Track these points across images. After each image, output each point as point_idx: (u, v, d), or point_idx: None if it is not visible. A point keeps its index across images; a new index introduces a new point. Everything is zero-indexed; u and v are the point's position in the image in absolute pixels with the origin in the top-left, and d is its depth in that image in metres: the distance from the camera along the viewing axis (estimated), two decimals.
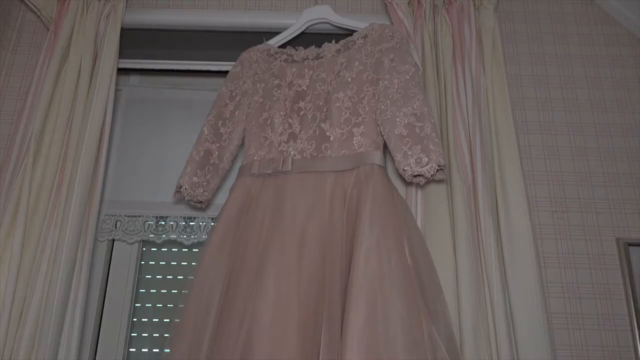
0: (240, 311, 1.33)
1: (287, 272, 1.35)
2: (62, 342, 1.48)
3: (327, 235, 1.41)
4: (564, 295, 1.62)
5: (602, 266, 1.65)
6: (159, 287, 1.81)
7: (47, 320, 1.47)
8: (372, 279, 1.29)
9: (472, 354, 1.39)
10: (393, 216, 1.40)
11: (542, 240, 1.68)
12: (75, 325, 1.51)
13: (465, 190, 1.55)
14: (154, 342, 1.75)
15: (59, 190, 1.62)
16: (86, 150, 1.62)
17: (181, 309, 1.46)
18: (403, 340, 1.22)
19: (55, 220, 1.58)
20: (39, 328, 1.48)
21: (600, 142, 1.80)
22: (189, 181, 1.59)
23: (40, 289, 1.52)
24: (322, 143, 1.54)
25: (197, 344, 1.38)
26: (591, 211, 1.72)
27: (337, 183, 1.48)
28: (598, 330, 1.59)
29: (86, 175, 1.61)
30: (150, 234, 1.75)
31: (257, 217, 1.48)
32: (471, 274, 1.46)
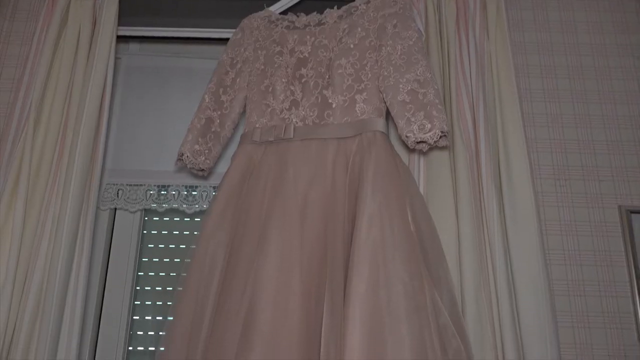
0: (242, 278, 1.34)
1: (289, 239, 1.35)
2: (65, 310, 1.49)
3: (329, 203, 1.41)
4: (565, 262, 1.63)
5: (603, 233, 1.66)
6: (161, 256, 1.82)
7: (50, 289, 1.48)
8: (374, 246, 1.29)
9: (473, 319, 1.40)
10: (395, 183, 1.39)
11: (545, 208, 1.67)
12: (78, 293, 1.51)
13: (468, 157, 1.54)
14: (157, 310, 1.76)
15: (60, 158, 1.61)
16: (86, 119, 1.61)
17: (184, 278, 1.47)
18: (405, 306, 1.23)
19: (56, 188, 1.58)
20: (43, 297, 1.49)
21: (603, 109, 1.79)
22: (190, 149, 1.59)
23: (43, 257, 1.52)
24: (325, 110, 1.53)
25: (200, 312, 1.39)
26: (594, 179, 1.71)
27: (340, 150, 1.47)
28: (599, 297, 1.60)
29: (87, 144, 1.60)
30: (152, 203, 1.75)
31: (259, 184, 1.48)
32: (473, 240, 1.46)
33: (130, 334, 1.72)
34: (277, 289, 1.29)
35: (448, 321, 1.27)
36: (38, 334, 1.45)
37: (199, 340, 1.35)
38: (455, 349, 1.25)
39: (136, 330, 1.74)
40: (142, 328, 1.74)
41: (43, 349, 1.43)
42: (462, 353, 1.25)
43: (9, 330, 1.47)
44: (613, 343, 1.55)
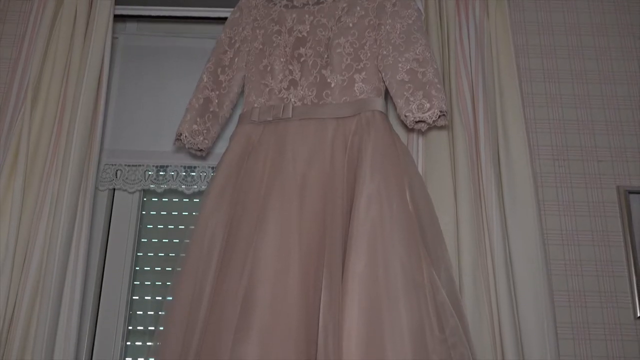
0: (241, 258, 1.34)
1: (288, 218, 1.36)
2: (65, 290, 1.50)
3: (328, 182, 1.41)
4: (563, 242, 1.63)
5: (602, 213, 1.66)
6: (160, 237, 1.82)
7: (49, 268, 1.48)
8: (373, 225, 1.30)
9: (471, 298, 1.41)
10: (394, 163, 1.40)
11: (543, 188, 1.68)
12: (78, 273, 1.52)
13: (467, 136, 1.54)
14: (156, 290, 1.77)
15: (58, 138, 1.61)
16: (84, 98, 1.61)
17: (183, 258, 1.48)
18: (403, 284, 1.24)
19: (55, 168, 1.58)
20: (42, 276, 1.49)
21: (603, 90, 1.78)
22: (188, 129, 1.58)
23: (42, 237, 1.52)
24: (323, 90, 1.53)
25: (199, 291, 1.40)
26: (592, 159, 1.71)
27: (338, 130, 1.47)
28: (596, 277, 1.61)
29: (85, 123, 1.59)
30: (151, 184, 1.75)
31: (257, 164, 1.48)
32: (471, 220, 1.46)
33: (130, 313, 1.73)
34: (275, 268, 1.30)
35: (446, 300, 1.27)
36: (38, 312, 1.46)
37: (197, 319, 1.36)
38: (453, 327, 1.25)
39: (136, 310, 1.75)
40: (141, 308, 1.75)
41: (43, 328, 1.44)
42: (459, 331, 1.26)
43: (9, 308, 1.48)
44: (609, 322, 1.57)
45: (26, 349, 1.45)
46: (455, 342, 1.24)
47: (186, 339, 1.35)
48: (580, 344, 1.54)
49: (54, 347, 1.45)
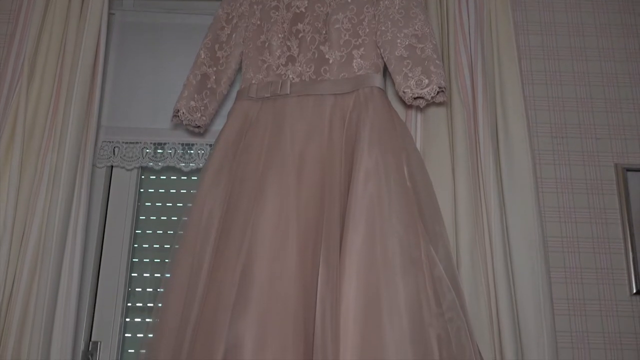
0: (239, 234, 1.34)
1: (286, 193, 1.36)
2: (63, 267, 1.50)
3: (326, 158, 1.41)
4: (560, 219, 1.64)
5: (599, 191, 1.66)
6: (158, 214, 1.82)
7: (48, 245, 1.48)
8: (370, 201, 1.30)
9: (468, 273, 1.42)
10: (392, 139, 1.39)
11: (541, 165, 1.68)
12: (76, 250, 1.52)
13: (466, 113, 1.54)
14: (155, 267, 1.78)
15: (54, 114, 1.60)
16: (80, 74, 1.60)
17: (180, 235, 1.48)
18: (401, 259, 1.24)
19: (52, 144, 1.58)
20: (40, 253, 1.49)
21: (603, 67, 1.77)
22: (186, 105, 1.57)
23: (40, 213, 1.52)
24: (321, 66, 1.52)
25: (197, 268, 1.40)
26: (591, 137, 1.71)
27: (337, 106, 1.46)
28: (592, 254, 1.61)
29: (81, 100, 1.58)
30: (149, 162, 1.74)
31: (255, 140, 1.48)
32: (469, 196, 1.47)
33: (129, 290, 1.74)
34: (273, 244, 1.30)
35: (443, 275, 1.28)
36: (37, 289, 1.46)
37: (195, 296, 1.36)
38: (450, 302, 1.26)
39: (135, 287, 1.75)
40: (140, 285, 1.76)
41: (42, 304, 1.44)
42: (456, 306, 1.26)
43: (8, 284, 1.49)
44: (605, 298, 1.58)
45: (25, 326, 1.45)
46: (452, 317, 1.25)
47: (184, 315, 1.36)
48: (576, 320, 1.56)
49: (53, 323, 1.45)
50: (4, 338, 1.45)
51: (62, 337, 1.45)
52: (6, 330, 1.46)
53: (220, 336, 1.23)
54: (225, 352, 1.21)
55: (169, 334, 1.37)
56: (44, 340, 1.43)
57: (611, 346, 1.53)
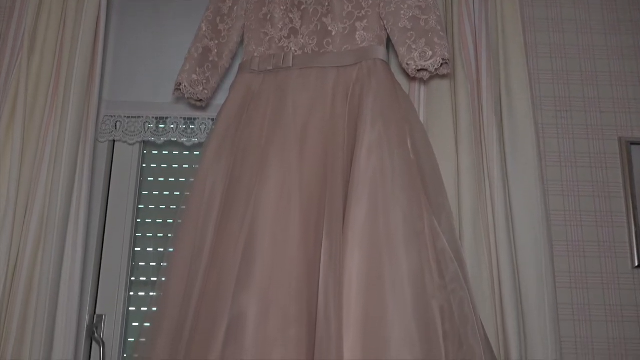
0: (242, 208, 1.34)
1: (289, 165, 1.36)
2: (67, 241, 1.51)
3: (328, 131, 1.40)
4: (563, 193, 1.64)
5: (603, 165, 1.66)
6: (161, 190, 1.82)
7: (51, 220, 1.49)
8: (374, 174, 1.30)
9: (470, 245, 1.42)
10: (396, 111, 1.39)
11: (545, 139, 1.67)
12: (79, 225, 1.52)
13: (469, 86, 1.53)
14: (158, 242, 1.78)
15: (55, 87, 1.60)
16: (81, 48, 1.59)
17: (183, 210, 1.48)
18: (404, 231, 1.25)
19: (54, 119, 1.57)
20: (44, 228, 1.50)
21: (608, 40, 1.76)
22: (188, 78, 1.57)
23: (42, 188, 1.53)
24: (324, 38, 1.50)
25: (200, 242, 1.41)
26: (595, 110, 1.70)
27: (340, 79, 1.46)
28: (595, 227, 1.61)
29: (82, 74, 1.58)
30: (151, 136, 1.74)
31: (258, 113, 1.47)
32: (472, 169, 1.47)
33: (133, 264, 1.75)
34: (276, 217, 1.30)
35: (446, 246, 1.28)
36: (40, 264, 1.47)
37: (198, 270, 1.37)
38: (453, 274, 1.27)
39: (138, 261, 1.76)
40: (143, 259, 1.77)
41: (46, 279, 1.46)
42: (459, 277, 1.27)
43: (12, 259, 1.49)
44: (607, 271, 1.58)
45: (30, 301, 1.46)
46: (455, 288, 1.26)
47: (188, 289, 1.37)
48: (577, 292, 1.56)
49: (57, 298, 1.46)
50: (9, 313, 1.46)
51: (67, 310, 1.46)
52: (11, 305, 1.47)
53: (224, 309, 1.24)
54: (228, 324, 1.22)
55: (173, 308, 1.38)
56: (49, 314, 1.44)
57: (612, 318, 1.54)
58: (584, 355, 1.52)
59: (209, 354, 1.20)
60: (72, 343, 1.45)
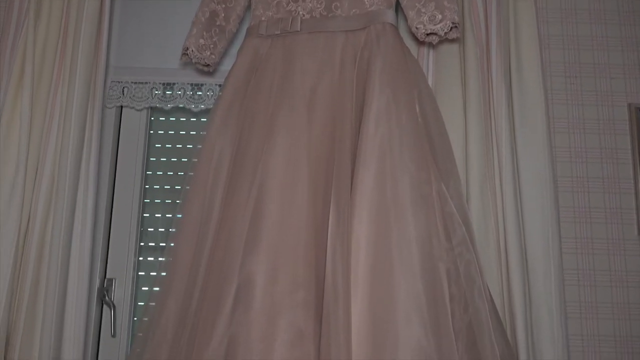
0: (250, 172, 1.35)
1: (297, 130, 1.35)
2: (77, 207, 1.51)
3: (337, 96, 1.39)
4: (571, 159, 1.63)
5: (611, 131, 1.65)
6: (169, 156, 1.83)
7: (61, 186, 1.50)
8: (382, 140, 1.29)
9: (478, 211, 1.43)
10: (404, 76, 1.38)
11: (554, 105, 1.66)
12: (89, 190, 1.53)
13: (479, 50, 1.51)
14: (166, 208, 1.80)
15: (62, 53, 1.59)
16: (87, 13, 1.58)
17: (191, 177, 1.48)
18: (411, 196, 1.25)
19: (61, 85, 1.57)
20: (54, 193, 1.51)
21: (620, 4, 1.73)
22: (195, 43, 1.55)
23: (51, 155, 1.54)
24: (332, 2, 1.48)
25: (209, 208, 1.41)
26: (605, 76, 1.69)
27: (348, 43, 1.44)
28: (602, 193, 1.62)
29: (89, 40, 1.57)
30: (158, 102, 1.73)
31: (265, 78, 1.46)
32: (480, 135, 1.46)
33: (142, 230, 1.77)
34: (284, 181, 1.31)
35: (453, 210, 1.29)
36: (52, 229, 1.49)
37: (207, 234, 1.37)
38: (460, 237, 1.27)
39: (147, 227, 1.78)
40: (152, 225, 1.78)
41: (57, 244, 1.47)
42: (466, 240, 1.28)
43: (23, 224, 1.51)
44: (613, 237, 1.59)
45: (42, 263, 1.49)
46: (462, 251, 1.26)
47: (196, 254, 1.38)
48: (583, 258, 1.57)
49: (68, 262, 1.48)
50: (22, 274, 1.49)
51: (78, 273, 1.48)
52: (23, 267, 1.49)
53: (233, 273, 1.25)
54: (236, 288, 1.23)
55: (182, 273, 1.39)
56: (61, 276, 1.46)
57: (617, 284, 1.56)
58: (588, 320, 1.54)
59: (217, 318, 1.21)
60: (83, 306, 1.47)
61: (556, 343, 1.38)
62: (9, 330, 1.46)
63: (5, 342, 1.44)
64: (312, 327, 1.20)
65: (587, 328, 1.54)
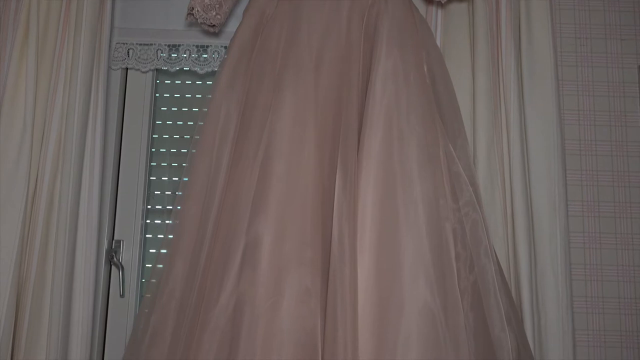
0: (257, 133, 1.34)
1: (303, 91, 1.34)
2: (84, 169, 1.52)
3: (344, 57, 1.38)
4: (579, 122, 1.62)
5: (620, 93, 1.63)
6: (175, 119, 1.83)
7: (68, 148, 1.50)
8: (389, 100, 1.29)
9: (484, 172, 1.43)
10: (412, 36, 1.36)
11: (563, 67, 1.64)
12: (96, 152, 1.53)
13: (488, 10, 1.49)
14: (173, 171, 1.80)
15: (67, 13, 1.57)
16: None
17: (197, 140, 1.48)
18: (418, 156, 1.24)
19: (66, 46, 1.56)
20: (61, 156, 1.51)
21: None
22: (200, 3, 1.54)
23: (58, 117, 1.53)
24: None
25: (216, 169, 1.40)
26: (616, 38, 1.66)
27: (355, 3, 1.42)
28: (610, 156, 1.61)
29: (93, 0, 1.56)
30: (163, 65, 1.72)
31: (272, 38, 1.45)
32: (488, 95, 1.45)
33: (148, 193, 1.77)
34: (291, 140, 1.30)
35: (461, 170, 1.29)
36: (60, 188, 1.49)
37: (214, 197, 1.37)
38: (467, 197, 1.27)
39: (153, 190, 1.79)
40: (159, 188, 1.79)
41: (65, 207, 1.48)
42: (473, 200, 1.28)
43: (31, 186, 1.52)
44: (620, 200, 1.59)
45: (50, 224, 1.49)
46: (469, 211, 1.27)
47: (203, 216, 1.38)
48: (589, 221, 1.58)
49: (76, 225, 1.49)
50: (31, 237, 1.50)
51: (86, 234, 1.49)
52: (32, 230, 1.50)
53: (241, 232, 1.25)
54: (244, 248, 1.24)
55: (189, 235, 1.39)
56: (70, 237, 1.47)
57: (623, 246, 1.56)
58: (592, 282, 1.55)
59: (225, 277, 1.22)
60: (92, 266, 1.48)
61: (561, 304, 1.39)
62: (19, 290, 1.48)
63: (16, 301, 1.46)
64: (319, 285, 1.21)
65: (592, 290, 1.55)
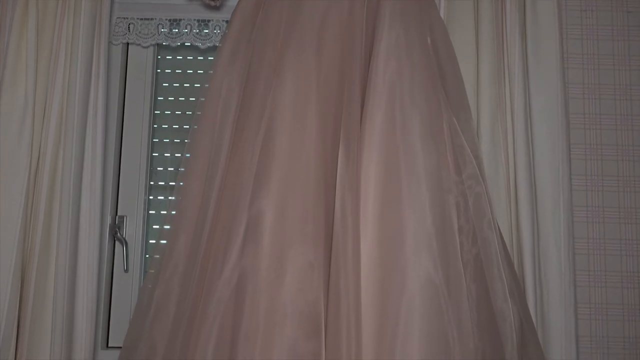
0: (259, 107, 1.33)
1: (306, 66, 1.33)
2: (86, 146, 1.51)
3: (346, 31, 1.37)
4: (584, 95, 1.61)
5: (626, 67, 1.62)
6: (176, 95, 1.82)
7: (69, 123, 1.49)
8: (392, 74, 1.27)
9: (488, 146, 1.42)
10: (416, 9, 1.35)
11: (568, 40, 1.62)
12: (98, 127, 1.52)
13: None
14: (175, 148, 1.80)
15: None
16: None
17: (198, 116, 1.47)
18: (420, 130, 1.23)
19: (66, 21, 1.55)
20: (63, 130, 1.51)
21: None
22: None
23: (59, 90, 1.52)
24: None
25: (217, 146, 1.40)
26: (622, 10, 1.64)
27: None
28: (615, 131, 1.60)
29: None
30: (165, 40, 1.71)
31: (273, 12, 1.43)
32: (492, 69, 1.44)
33: (151, 169, 1.77)
34: (293, 115, 1.29)
35: (464, 143, 1.28)
36: (62, 163, 1.49)
37: (216, 172, 1.36)
38: (471, 171, 1.27)
39: (156, 166, 1.79)
40: (161, 164, 1.79)
41: (68, 182, 1.48)
42: (476, 173, 1.27)
43: (33, 161, 1.52)
44: (624, 174, 1.58)
45: (54, 199, 1.49)
46: (472, 184, 1.26)
47: (206, 192, 1.37)
48: (593, 195, 1.57)
49: (80, 200, 1.49)
50: (34, 212, 1.50)
51: (89, 209, 1.49)
52: (35, 206, 1.50)
53: (243, 207, 1.25)
54: (247, 222, 1.24)
55: (192, 211, 1.39)
56: (73, 211, 1.47)
57: (626, 220, 1.56)
58: (595, 255, 1.55)
59: (228, 252, 1.22)
60: (96, 242, 1.49)
61: (563, 277, 1.39)
62: (23, 265, 1.49)
63: (21, 275, 1.47)
64: (321, 259, 1.21)
65: (595, 264, 1.55)
